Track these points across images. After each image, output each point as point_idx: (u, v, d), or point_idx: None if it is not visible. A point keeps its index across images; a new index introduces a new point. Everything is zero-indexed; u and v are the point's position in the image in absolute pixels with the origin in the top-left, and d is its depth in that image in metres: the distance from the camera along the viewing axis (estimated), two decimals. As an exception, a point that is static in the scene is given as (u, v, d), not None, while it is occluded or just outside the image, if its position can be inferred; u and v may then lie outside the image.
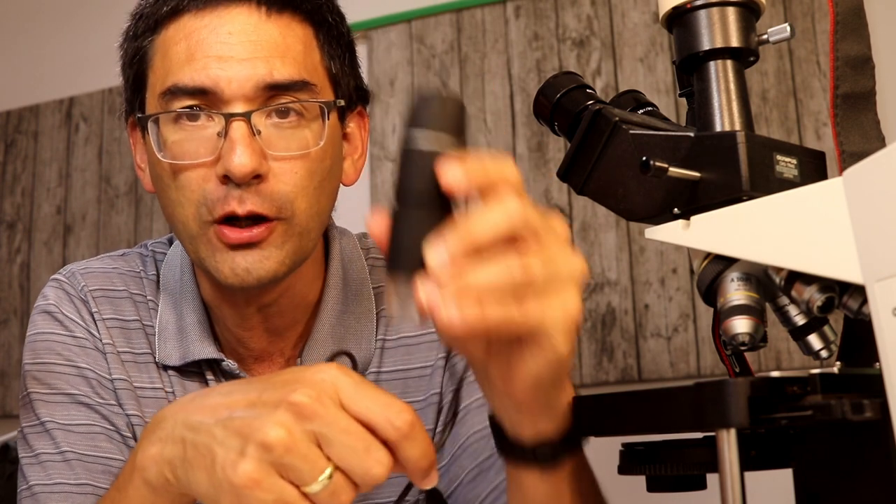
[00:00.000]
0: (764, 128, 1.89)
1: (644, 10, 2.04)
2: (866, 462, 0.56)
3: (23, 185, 2.53)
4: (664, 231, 0.65)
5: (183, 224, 0.83)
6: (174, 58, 0.82)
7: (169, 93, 0.81)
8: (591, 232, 1.99)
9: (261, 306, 0.89)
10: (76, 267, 0.97)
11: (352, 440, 0.56)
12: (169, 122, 0.82)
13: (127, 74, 0.89)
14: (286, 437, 0.55)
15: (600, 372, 1.93)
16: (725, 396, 0.54)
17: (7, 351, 2.42)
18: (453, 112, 0.55)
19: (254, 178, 0.79)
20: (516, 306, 0.53)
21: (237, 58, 0.80)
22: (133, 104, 0.89)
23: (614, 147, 0.67)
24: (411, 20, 2.21)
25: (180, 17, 0.83)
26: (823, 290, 0.58)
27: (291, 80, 0.81)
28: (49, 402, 0.89)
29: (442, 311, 0.52)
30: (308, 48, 0.85)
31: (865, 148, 0.59)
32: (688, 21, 0.66)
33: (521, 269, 0.53)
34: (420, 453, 0.57)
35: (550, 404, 0.64)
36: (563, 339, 0.57)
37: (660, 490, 0.66)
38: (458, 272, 0.52)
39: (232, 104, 0.80)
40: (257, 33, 0.82)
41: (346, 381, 0.58)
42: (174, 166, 0.82)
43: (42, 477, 0.86)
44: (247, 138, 0.79)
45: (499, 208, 0.54)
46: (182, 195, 0.82)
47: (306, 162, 0.82)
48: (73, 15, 2.57)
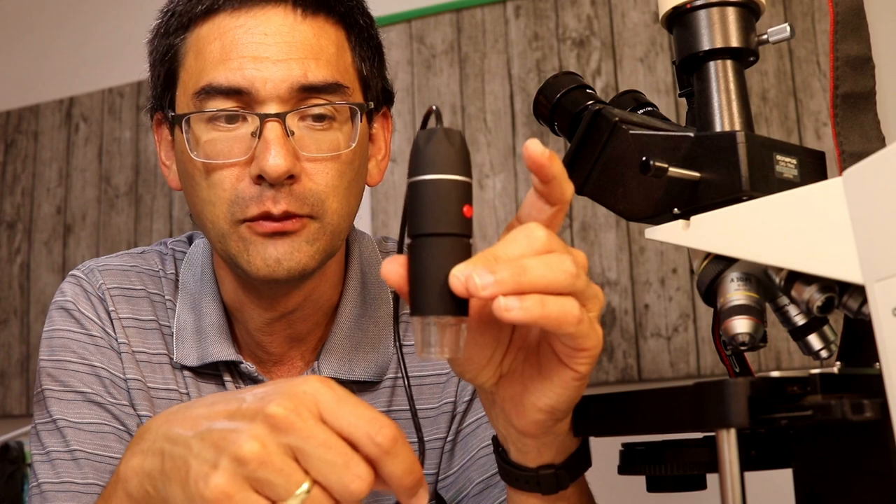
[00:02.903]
0: (764, 128, 1.89)
1: (644, 10, 2.03)
2: (866, 462, 0.56)
3: (23, 185, 2.53)
4: (664, 231, 0.65)
5: (212, 223, 0.83)
6: (208, 57, 0.82)
7: (203, 92, 0.81)
8: (591, 232, 1.99)
9: (284, 312, 0.89)
10: (95, 263, 0.96)
11: (331, 454, 0.54)
12: (202, 122, 0.82)
13: (157, 71, 0.89)
14: (260, 451, 0.54)
15: (600, 372, 1.93)
16: (725, 396, 0.54)
17: (7, 351, 2.42)
18: (458, 143, 0.55)
19: (287, 179, 0.80)
20: (574, 303, 0.54)
21: (272, 59, 0.81)
22: (162, 101, 0.89)
23: (614, 147, 0.67)
24: (411, 20, 2.21)
25: (215, 15, 0.83)
26: (823, 290, 0.58)
27: (325, 82, 0.82)
28: (62, 399, 0.89)
29: (500, 298, 0.51)
30: (341, 50, 0.86)
31: (865, 148, 0.59)
32: (688, 21, 0.66)
33: (574, 276, 0.54)
34: (403, 470, 0.55)
35: (557, 432, 0.64)
36: (589, 363, 0.58)
37: (660, 490, 0.66)
38: (518, 265, 0.52)
39: (266, 105, 0.80)
40: (292, 34, 0.82)
41: (328, 394, 0.56)
42: (207, 165, 0.82)
43: (51, 475, 0.87)
44: (281, 139, 0.79)
45: (523, 233, 0.55)
46: (214, 194, 0.82)
47: (337, 163, 0.83)
48: (73, 15, 2.57)
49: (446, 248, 0.53)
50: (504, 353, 0.61)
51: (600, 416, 0.64)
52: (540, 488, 0.67)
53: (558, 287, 0.53)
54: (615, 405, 0.63)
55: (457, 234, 0.54)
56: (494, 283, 0.51)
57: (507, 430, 0.66)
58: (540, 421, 0.62)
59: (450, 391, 0.94)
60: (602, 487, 0.88)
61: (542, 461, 0.66)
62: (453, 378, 0.95)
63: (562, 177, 0.57)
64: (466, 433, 0.94)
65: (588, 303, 0.56)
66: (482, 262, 0.53)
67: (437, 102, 2.15)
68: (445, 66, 2.17)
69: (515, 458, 0.67)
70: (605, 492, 0.90)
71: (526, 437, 0.65)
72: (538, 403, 0.61)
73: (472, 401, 0.94)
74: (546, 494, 0.67)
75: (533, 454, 0.66)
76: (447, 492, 0.95)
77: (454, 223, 0.54)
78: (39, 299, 2.43)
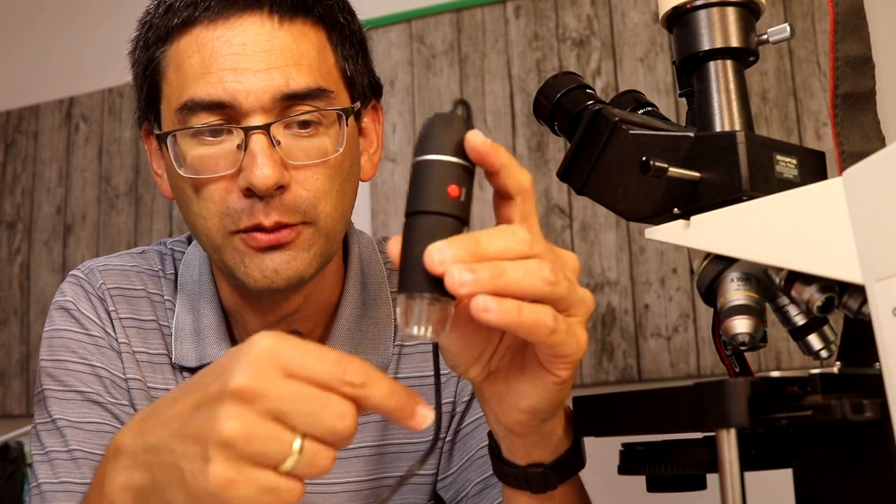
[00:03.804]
0: (764, 128, 1.89)
1: (644, 10, 2.03)
2: (866, 462, 0.56)
3: (23, 185, 2.52)
4: (664, 231, 0.65)
5: (206, 235, 0.83)
6: (188, 71, 0.81)
7: (185, 108, 0.81)
8: (591, 232, 1.98)
9: (284, 315, 0.89)
10: (95, 263, 0.96)
11: (306, 405, 0.54)
12: (187, 137, 0.82)
13: (140, 84, 0.88)
14: (241, 427, 0.53)
15: (600, 372, 1.93)
16: (725, 396, 0.54)
17: (7, 351, 2.42)
18: (453, 124, 0.56)
19: (276, 190, 0.79)
20: (549, 313, 0.54)
21: (253, 69, 0.79)
22: (148, 114, 0.88)
23: (614, 147, 0.67)
24: (411, 20, 2.21)
25: (192, 28, 0.82)
26: (823, 290, 0.58)
27: (308, 88, 0.81)
28: (61, 399, 0.89)
29: (479, 297, 0.51)
30: (322, 53, 0.84)
31: (865, 148, 0.59)
32: (688, 21, 0.66)
33: (552, 284, 0.54)
34: (383, 396, 0.55)
35: (544, 433, 0.65)
36: (570, 368, 0.58)
37: (660, 490, 0.66)
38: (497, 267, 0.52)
39: (250, 116, 0.80)
40: (271, 42, 0.81)
41: (286, 349, 0.55)
42: (195, 181, 0.82)
43: (50, 475, 0.86)
44: (267, 150, 0.78)
45: (509, 232, 0.55)
46: (204, 207, 0.82)
47: (326, 168, 0.82)
48: (73, 15, 2.57)
49: (426, 226, 0.54)
50: (493, 351, 0.62)
51: (600, 416, 0.64)
52: (528, 486, 0.67)
53: (534, 294, 0.54)
54: (615, 405, 0.63)
55: (439, 213, 0.54)
56: (473, 282, 0.51)
57: (497, 427, 0.66)
58: (523, 421, 0.62)
59: (449, 391, 0.94)
60: (602, 487, 0.88)
61: (531, 460, 0.66)
62: (453, 378, 0.95)
63: (511, 164, 0.57)
64: (465, 433, 0.94)
65: (571, 308, 0.56)
66: (462, 246, 0.53)
67: (437, 102, 2.15)
68: (445, 66, 2.17)
69: (506, 455, 0.68)
70: (605, 492, 0.90)
71: (512, 436, 0.65)
72: (520, 404, 0.61)
73: (472, 401, 0.94)
74: (535, 493, 0.67)
75: (521, 452, 0.66)
76: (446, 492, 0.95)
77: (436, 202, 0.54)
78: (39, 299, 2.43)
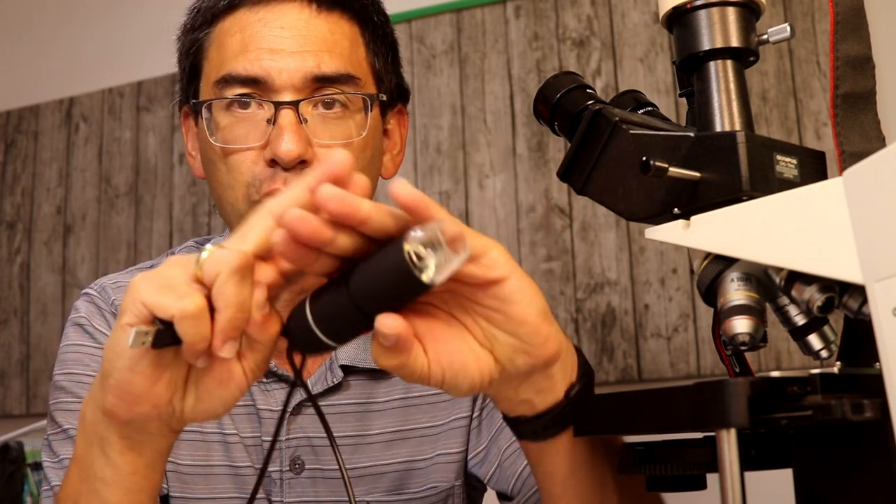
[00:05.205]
0: (764, 128, 1.89)
1: (644, 10, 2.03)
2: (866, 462, 0.56)
3: (23, 185, 2.52)
4: (664, 231, 0.65)
5: (232, 205, 0.88)
6: (229, 48, 0.88)
7: (223, 81, 0.87)
8: (591, 232, 1.98)
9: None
10: (106, 281, 1.00)
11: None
12: (221, 109, 0.88)
13: (183, 65, 0.95)
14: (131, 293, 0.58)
15: (600, 372, 1.93)
16: (725, 396, 0.54)
17: (7, 351, 2.42)
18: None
19: (299, 164, 0.84)
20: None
21: (288, 50, 0.86)
22: (188, 93, 0.95)
23: (614, 147, 0.67)
24: (411, 20, 2.21)
25: (236, 10, 0.89)
26: (823, 290, 0.58)
27: (338, 73, 0.87)
28: (74, 410, 0.91)
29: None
30: (354, 44, 0.91)
31: (865, 148, 0.59)
32: (688, 21, 0.66)
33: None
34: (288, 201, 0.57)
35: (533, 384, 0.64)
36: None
37: (660, 490, 0.66)
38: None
39: (281, 93, 0.85)
40: (307, 28, 0.87)
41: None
42: (225, 150, 0.87)
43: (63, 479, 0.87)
44: (294, 125, 0.84)
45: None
46: (232, 177, 0.87)
47: (349, 150, 0.84)
48: (73, 15, 2.56)
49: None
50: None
51: (600, 416, 0.64)
52: (519, 434, 0.67)
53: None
54: (615, 405, 0.63)
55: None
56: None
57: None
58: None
59: None
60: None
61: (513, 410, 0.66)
62: None
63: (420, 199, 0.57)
64: (491, 406, 0.96)
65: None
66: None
67: (437, 102, 2.15)
68: (445, 66, 2.17)
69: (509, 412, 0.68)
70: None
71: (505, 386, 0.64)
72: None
73: None
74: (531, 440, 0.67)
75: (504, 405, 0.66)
76: (481, 467, 0.96)
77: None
78: (39, 299, 2.43)
